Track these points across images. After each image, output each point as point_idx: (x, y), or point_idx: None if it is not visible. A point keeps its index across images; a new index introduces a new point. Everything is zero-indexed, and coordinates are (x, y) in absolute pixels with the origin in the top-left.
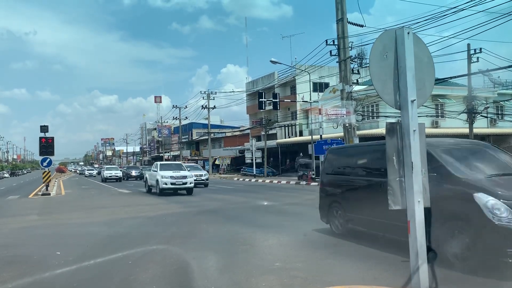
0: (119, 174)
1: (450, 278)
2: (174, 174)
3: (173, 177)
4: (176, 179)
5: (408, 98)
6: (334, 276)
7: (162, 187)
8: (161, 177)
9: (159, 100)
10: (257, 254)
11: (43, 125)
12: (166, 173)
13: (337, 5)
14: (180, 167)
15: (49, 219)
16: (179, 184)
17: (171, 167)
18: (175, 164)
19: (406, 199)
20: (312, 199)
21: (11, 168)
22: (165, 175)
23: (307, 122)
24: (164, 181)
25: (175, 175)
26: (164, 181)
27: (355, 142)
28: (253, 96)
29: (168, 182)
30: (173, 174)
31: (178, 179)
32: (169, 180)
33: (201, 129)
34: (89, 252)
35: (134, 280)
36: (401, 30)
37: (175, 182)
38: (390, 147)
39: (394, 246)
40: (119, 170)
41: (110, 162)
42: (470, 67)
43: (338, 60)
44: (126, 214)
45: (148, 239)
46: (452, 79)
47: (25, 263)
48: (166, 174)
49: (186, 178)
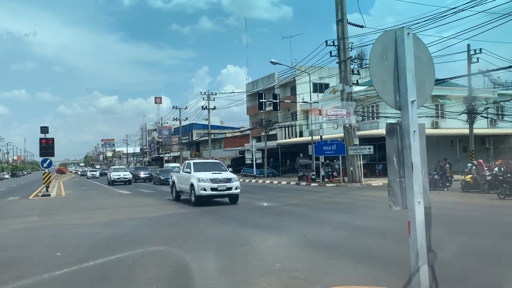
0: (128, 176)
1: (450, 279)
2: (215, 176)
3: (214, 180)
4: (219, 182)
5: (408, 99)
6: (334, 276)
7: (200, 193)
8: (198, 181)
9: (159, 101)
10: (257, 255)
11: (43, 126)
12: (204, 175)
13: (337, 6)
14: (220, 167)
15: (49, 220)
16: (222, 190)
17: (208, 167)
18: (213, 163)
19: (406, 199)
20: (312, 200)
21: (12, 169)
22: (203, 178)
23: (307, 123)
24: (202, 185)
25: (217, 177)
26: (203, 185)
27: (355, 142)
28: (253, 97)
29: (207, 187)
30: (214, 176)
31: (220, 182)
32: (209, 184)
33: (201, 130)
34: (89, 253)
35: (134, 281)
36: (401, 30)
37: (216, 187)
38: (390, 148)
39: (394, 247)
40: (128, 171)
41: (110, 163)
42: (470, 68)
43: (338, 61)
44: (126, 215)
45: (148, 240)
46: (452, 80)
47: (25, 264)
48: (204, 176)
49: (231, 181)
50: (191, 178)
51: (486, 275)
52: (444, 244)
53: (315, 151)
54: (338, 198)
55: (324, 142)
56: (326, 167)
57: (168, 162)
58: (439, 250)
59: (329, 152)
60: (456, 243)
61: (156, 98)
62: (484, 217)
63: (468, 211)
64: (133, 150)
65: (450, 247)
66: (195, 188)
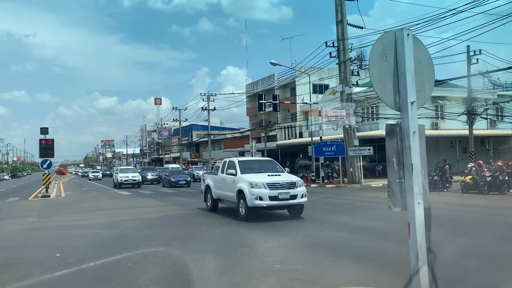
0: (137, 178)
1: (450, 280)
2: (274, 180)
3: (273, 186)
4: (280, 188)
5: (408, 100)
6: (333, 278)
7: (254, 204)
8: (251, 186)
9: (159, 102)
10: (257, 256)
11: (43, 127)
12: (257, 177)
13: (337, 7)
14: (274, 167)
15: (49, 221)
16: (285, 199)
17: (258, 167)
18: (264, 161)
19: (406, 200)
20: (312, 201)
21: (11, 170)
22: (257, 182)
23: (307, 124)
24: (257, 193)
25: (276, 181)
26: (258, 193)
27: (355, 143)
28: (253, 98)
29: (264, 195)
30: (272, 180)
31: (282, 188)
32: (266, 191)
33: (201, 131)
34: (88, 254)
35: (133, 282)
36: (400, 31)
37: (277, 195)
38: (390, 149)
39: (394, 247)
40: (137, 172)
41: (110, 164)
42: (470, 69)
43: (338, 62)
44: (125, 216)
45: (148, 241)
46: (451, 81)
47: (24, 265)
48: (259, 180)
49: (295, 186)
50: (238, 182)
51: (486, 276)
52: (444, 245)
53: (315, 152)
54: (338, 199)
55: (324, 143)
56: (326, 168)
57: (168, 163)
58: (439, 251)
59: (329, 153)
60: (456, 244)
61: (156, 99)
62: (483, 218)
63: (467, 212)
64: (132, 151)
65: (450, 248)
66: (247, 197)
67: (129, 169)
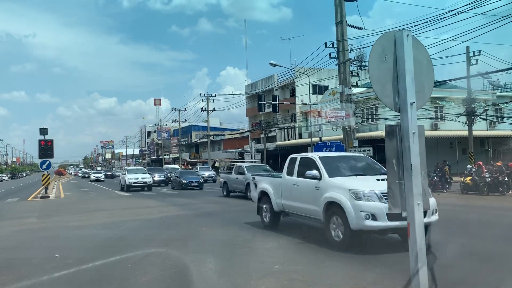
0: (148, 179)
1: (450, 281)
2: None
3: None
4: None
5: (407, 101)
6: (333, 278)
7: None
8: (355, 197)
9: (158, 103)
10: (257, 257)
11: (43, 128)
12: (362, 183)
13: (336, 8)
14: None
15: (48, 221)
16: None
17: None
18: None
19: (405, 201)
20: None
21: (11, 170)
22: (366, 192)
23: (306, 125)
24: (366, 208)
25: None
26: (367, 208)
27: (355, 144)
28: (253, 99)
29: (379, 212)
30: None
31: None
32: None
33: (200, 132)
34: (88, 255)
35: (133, 283)
36: (400, 32)
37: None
38: (390, 150)
39: (394, 248)
40: (147, 173)
41: (109, 164)
42: (469, 70)
43: (338, 63)
44: (125, 216)
45: (147, 241)
46: (451, 82)
47: (24, 266)
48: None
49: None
50: (327, 190)
51: (486, 277)
52: (443, 246)
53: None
54: None
55: (324, 144)
56: None
57: (168, 163)
58: (439, 252)
59: None
60: (456, 245)
61: (156, 99)
62: (483, 219)
63: (467, 212)
64: (132, 151)
65: (449, 249)
66: (349, 214)
67: (139, 170)
